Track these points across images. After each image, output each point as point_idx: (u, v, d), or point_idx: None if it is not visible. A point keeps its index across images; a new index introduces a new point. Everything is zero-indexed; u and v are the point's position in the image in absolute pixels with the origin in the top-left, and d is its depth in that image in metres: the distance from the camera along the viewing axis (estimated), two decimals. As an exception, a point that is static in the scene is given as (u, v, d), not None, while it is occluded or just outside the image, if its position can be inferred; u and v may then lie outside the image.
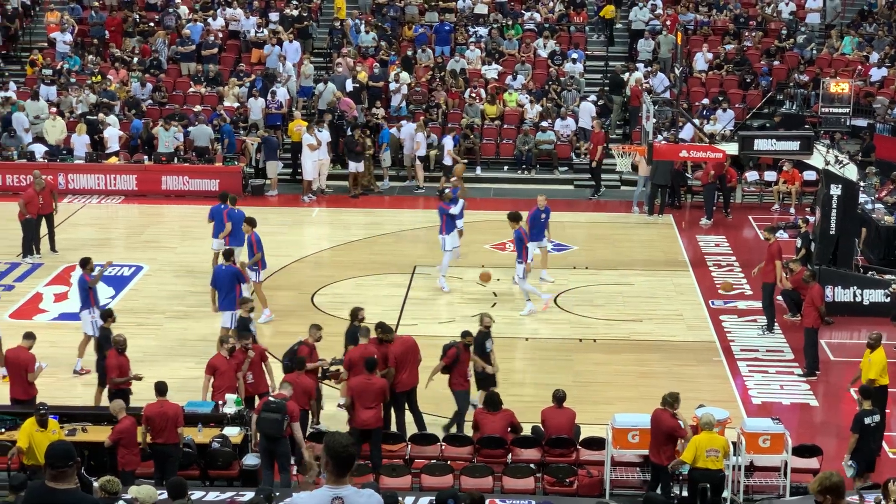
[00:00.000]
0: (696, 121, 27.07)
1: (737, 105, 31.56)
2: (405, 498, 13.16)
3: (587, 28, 36.53)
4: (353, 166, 29.45)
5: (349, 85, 32.14)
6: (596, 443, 15.62)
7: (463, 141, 31.13)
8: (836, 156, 22.59)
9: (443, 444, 15.80)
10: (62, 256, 24.46)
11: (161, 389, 15.13)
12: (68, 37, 34.65)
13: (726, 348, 20.41)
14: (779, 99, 31.90)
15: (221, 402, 16.01)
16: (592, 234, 26.40)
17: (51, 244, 24.71)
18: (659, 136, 24.02)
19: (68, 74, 33.11)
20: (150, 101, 32.34)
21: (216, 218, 22.72)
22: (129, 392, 16.44)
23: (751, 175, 29.80)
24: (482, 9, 36.60)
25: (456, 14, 36.37)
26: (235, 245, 21.97)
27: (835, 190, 21.97)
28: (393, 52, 34.09)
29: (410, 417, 16.67)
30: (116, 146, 30.02)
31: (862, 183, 24.15)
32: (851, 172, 22.41)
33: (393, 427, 16.44)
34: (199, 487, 14.13)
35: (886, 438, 16.45)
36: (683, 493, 14.89)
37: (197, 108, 31.36)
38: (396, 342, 16.73)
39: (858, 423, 15.17)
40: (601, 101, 32.39)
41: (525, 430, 15.97)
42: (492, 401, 15.86)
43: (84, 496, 8.31)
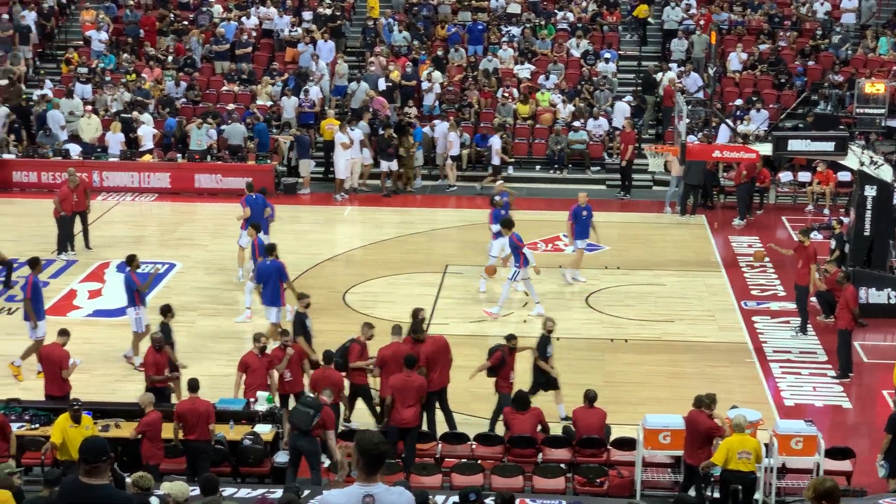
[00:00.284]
0: (730, 121, 26.93)
1: (771, 105, 31.39)
2: (435, 496, 13.17)
3: (620, 28, 36.43)
4: (385, 165, 29.51)
5: (382, 84, 32.20)
6: (627, 443, 15.58)
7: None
8: (871, 157, 22.45)
9: (473, 444, 15.80)
10: (96, 253, 24.63)
11: (193, 386, 15.21)
12: (104, 35, 34.88)
13: (758, 349, 20.31)
14: (813, 99, 31.70)
15: (253, 400, 16.07)
16: (624, 235, 26.31)
17: (85, 241, 24.89)
18: (692, 137, 23.93)
19: (103, 73, 33.32)
20: (184, 100, 32.51)
21: (253, 208, 22.92)
22: (171, 389, 16.47)
23: (784, 176, 29.64)
24: (515, 8, 36.56)
25: (489, 13, 36.36)
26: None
27: (869, 191, 21.84)
28: (423, 52, 34.13)
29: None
30: (150, 144, 30.21)
31: (897, 184, 24.00)
32: (886, 173, 22.25)
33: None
34: (231, 484, 14.20)
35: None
36: (715, 495, 14.82)
37: (230, 107, 31.50)
38: (428, 342, 16.75)
39: (893, 424, 15.06)
40: (636, 102, 32.30)
41: (555, 430, 15.97)
42: (521, 400, 15.85)
43: (117, 492, 8.37)
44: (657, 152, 26.32)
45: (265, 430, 15.43)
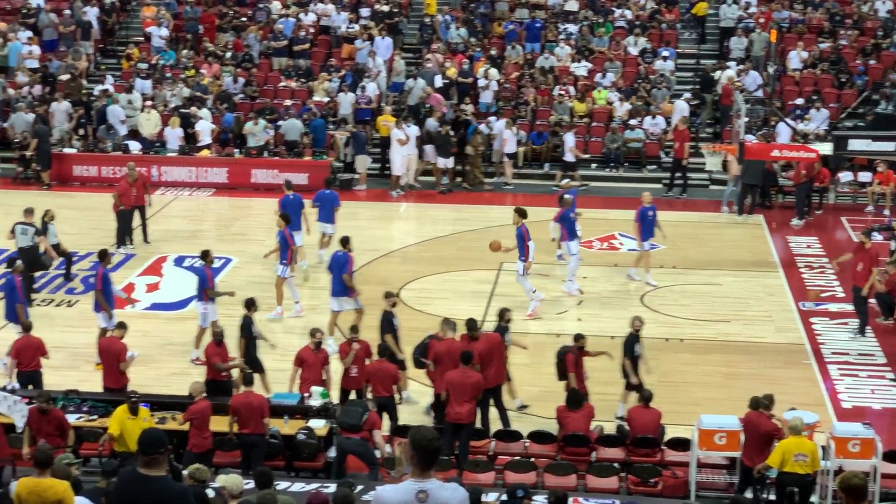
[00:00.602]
0: (790, 120, 26.69)
1: (831, 105, 31.06)
2: (488, 494, 13.16)
3: (678, 25, 36.20)
4: (442, 162, 29.54)
5: (438, 81, 32.23)
6: (681, 443, 15.49)
7: (551, 138, 31.10)
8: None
9: (527, 441, 15.77)
10: (155, 247, 24.88)
11: (248, 380, 15.33)
12: (164, 31, 35.21)
13: (816, 351, 20.11)
14: (874, 99, 31.33)
15: (307, 395, 16.15)
16: (681, 234, 26.14)
17: (144, 235, 25.15)
18: (750, 136, 23.74)
19: (162, 69, 33.64)
20: (242, 96, 32.74)
21: (323, 202, 23.29)
22: (231, 384, 16.55)
23: (844, 176, 29.30)
24: (573, 5, 36.44)
25: (546, 11, 36.26)
26: (293, 230, 22.28)
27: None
28: (478, 49, 34.10)
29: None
30: (208, 139, 30.46)
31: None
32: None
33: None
34: (285, 478, 14.27)
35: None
36: (771, 497, 14.70)
37: (287, 103, 31.70)
38: (482, 339, 16.70)
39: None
40: (696, 101, 32.07)
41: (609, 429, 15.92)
42: (574, 398, 15.80)
43: (174, 483, 8.45)
44: (715, 151, 26.14)
45: (319, 425, 15.49)
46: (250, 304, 17.70)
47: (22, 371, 16.87)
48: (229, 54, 34.50)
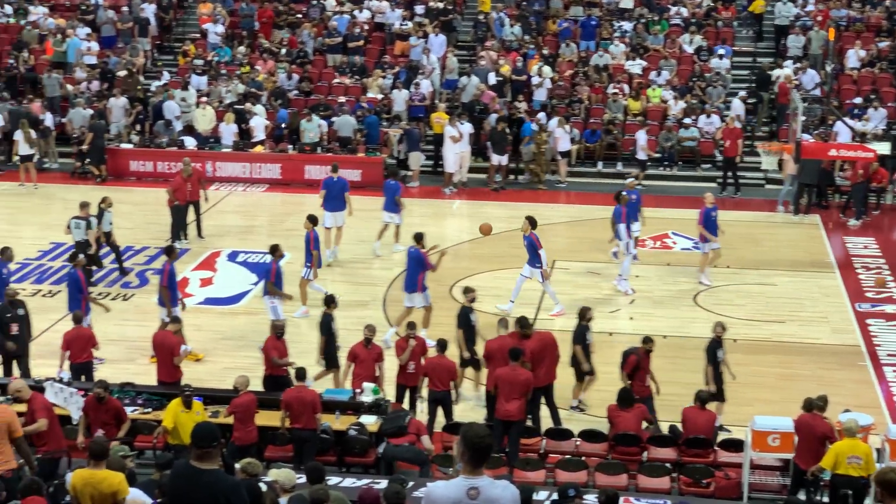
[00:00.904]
0: (849, 119, 26.40)
1: (889, 104, 30.68)
2: (539, 492, 13.13)
3: (735, 23, 35.91)
4: (496, 159, 29.53)
5: (492, 78, 32.20)
6: (734, 444, 15.37)
7: (605, 136, 30.97)
8: None
9: (578, 440, 15.72)
10: (209, 242, 25.06)
11: (300, 375, 15.40)
12: (220, 28, 35.46)
13: (872, 353, 19.89)
14: (934, 98, 30.93)
15: (359, 391, 16.19)
16: (735, 233, 25.86)
17: (198, 230, 25.34)
18: (807, 135, 23.51)
19: (218, 65, 33.87)
20: (296, 92, 32.89)
21: (387, 193, 24.04)
22: (287, 378, 16.59)
23: (903, 176, 28.95)
24: (628, 3, 36.26)
25: (601, 8, 36.11)
26: (334, 210, 23.41)
27: None
28: (532, 46, 34.01)
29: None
30: (262, 135, 30.63)
31: None
32: None
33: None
34: (336, 473, 14.31)
35: None
36: (825, 500, 14.55)
37: (341, 99, 31.80)
38: (534, 338, 16.64)
39: None
40: (752, 99, 31.78)
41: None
42: (625, 397, 15.72)
43: (227, 476, 8.51)
44: (770, 150, 25.91)
45: (370, 421, 15.53)
46: (330, 301, 17.75)
47: (74, 363, 17.06)
48: (284, 51, 34.69)
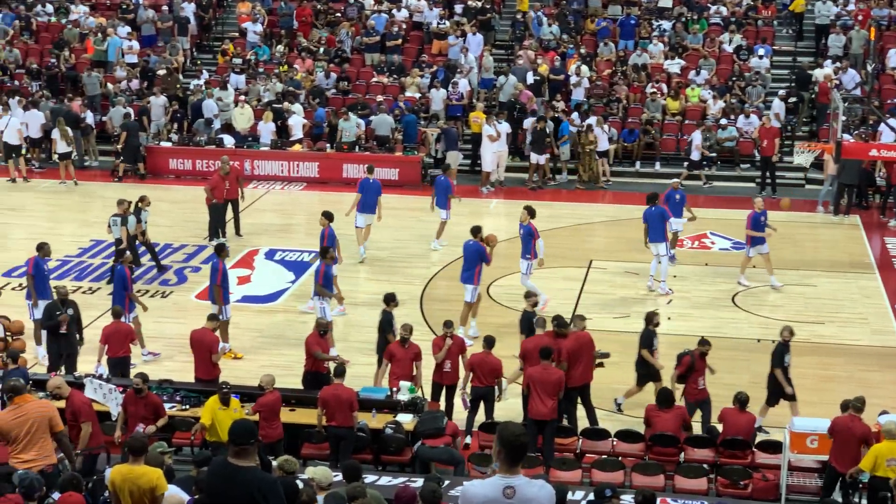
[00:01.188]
0: (890, 119, 26.16)
1: (931, 104, 30.41)
2: (575, 492, 13.10)
3: (775, 22, 35.68)
4: (535, 158, 29.50)
5: (530, 77, 32.16)
6: (772, 446, 15.28)
7: (643, 136, 30.86)
8: None
9: (614, 440, 15.67)
10: (247, 240, 25.16)
11: (339, 372, 15.41)
12: (259, 27, 35.62)
13: (913, 355, 19.73)
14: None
15: (396, 389, 16.20)
16: (775, 234, 25.76)
17: (236, 228, 25.44)
18: (847, 135, 23.32)
19: (256, 64, 34.02)
20: (334, 91, 32.98)
21: (438, 189, 24.36)
22: (328, 376, 16.61)
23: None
24: (667, 2, 36.12)
25: (640, 7, 35.97)
26: (366, 212, 23.51)
27: None
28: (570, 45, 33.93)
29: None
30: (300, 134, 30.74)
31: None
32: None
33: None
34: (372, 472, 14.34)
35: None
36: (863, 502, 14.44)
37: (379, 98, 31.86)
38: (570, 337, 16.60)
39: None
40: (793, 99, 31.56)
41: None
42: (664, 398, 15.66)
43: (264, 474, 8.54)
44: (808, 150, 25.74)
45: (407, 420, 15.55)
46: (390, 300, 17.77)
47: (112, 357, 17.18)
48: (322, 50, 34.79)
